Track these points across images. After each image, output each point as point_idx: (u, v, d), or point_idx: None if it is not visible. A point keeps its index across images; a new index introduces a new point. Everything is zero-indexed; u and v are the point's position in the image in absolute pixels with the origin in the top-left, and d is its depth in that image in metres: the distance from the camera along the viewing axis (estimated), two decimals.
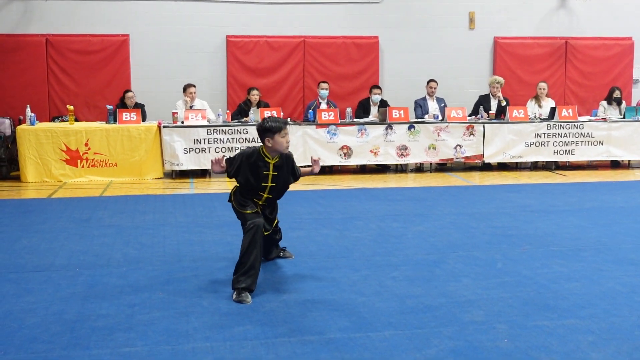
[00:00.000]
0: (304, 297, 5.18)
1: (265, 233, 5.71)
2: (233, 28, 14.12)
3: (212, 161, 5.71)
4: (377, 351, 4.15)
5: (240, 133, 11.72)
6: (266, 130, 5.53)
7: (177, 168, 11.69)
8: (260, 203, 5.76)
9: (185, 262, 6.23)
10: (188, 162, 11.64)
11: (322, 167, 12.29)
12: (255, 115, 12.05)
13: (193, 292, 5.34)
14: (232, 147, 11.65)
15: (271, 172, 5.66)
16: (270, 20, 14.23)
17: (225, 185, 11.08)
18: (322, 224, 7.89)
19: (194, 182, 11.44)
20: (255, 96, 12.56)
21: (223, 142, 11.67)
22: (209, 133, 11.63)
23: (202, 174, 12.21)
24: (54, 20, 13.63)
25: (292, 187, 6.11)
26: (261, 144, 5.64)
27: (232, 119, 12.29)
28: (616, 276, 5.74)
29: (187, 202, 9.52)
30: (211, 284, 5.55)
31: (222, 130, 11.69)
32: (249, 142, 11.67)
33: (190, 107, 12.37)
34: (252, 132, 11.67)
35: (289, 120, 12.30)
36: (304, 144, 11.90)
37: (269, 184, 5.69)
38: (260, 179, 5.65)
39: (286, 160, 5.77)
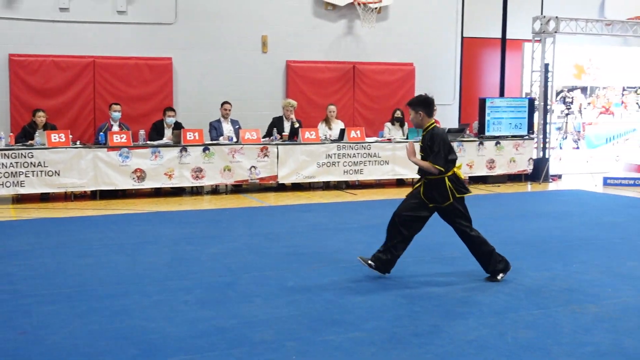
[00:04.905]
0: (90, 328, 4.98)
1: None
2: (16, 46, 13.37)
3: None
4: None
5: (25, 157, 11.09)
6: (431, 104, 6.19)
7: None
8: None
9: None
10: None
11: (114, 191, 11.98)
12: (41, 138, 11.47)
13: None
14: (16, 172, 10.99)
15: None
16: (56, 39, 13.61)
17: (13, 212, 10.43)
18: (113, 250, 7.66)
19: None
20: (41, 118, 11.95)
21: (6, 167, 10.97)
22: None
23: None
24: None
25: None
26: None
27: (16, 142, 11.61)
28: (397, 287, 6.06)
29: None
30: None
31: (5, 154, 10.99)
32: (35, 166, 11.08)
33: None
34: (38, 155, 11.11)
35: (78, 142, 11.86)
36: (95, 167, 11.48)
37: None
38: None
39: None
